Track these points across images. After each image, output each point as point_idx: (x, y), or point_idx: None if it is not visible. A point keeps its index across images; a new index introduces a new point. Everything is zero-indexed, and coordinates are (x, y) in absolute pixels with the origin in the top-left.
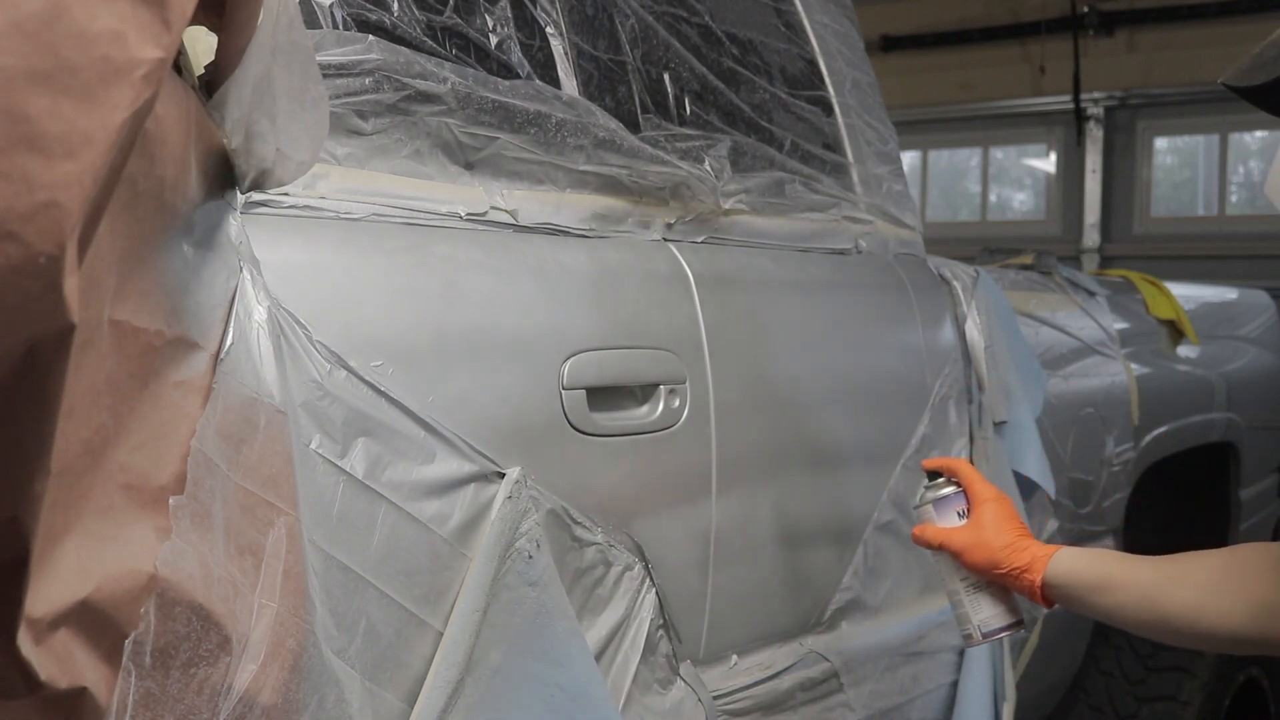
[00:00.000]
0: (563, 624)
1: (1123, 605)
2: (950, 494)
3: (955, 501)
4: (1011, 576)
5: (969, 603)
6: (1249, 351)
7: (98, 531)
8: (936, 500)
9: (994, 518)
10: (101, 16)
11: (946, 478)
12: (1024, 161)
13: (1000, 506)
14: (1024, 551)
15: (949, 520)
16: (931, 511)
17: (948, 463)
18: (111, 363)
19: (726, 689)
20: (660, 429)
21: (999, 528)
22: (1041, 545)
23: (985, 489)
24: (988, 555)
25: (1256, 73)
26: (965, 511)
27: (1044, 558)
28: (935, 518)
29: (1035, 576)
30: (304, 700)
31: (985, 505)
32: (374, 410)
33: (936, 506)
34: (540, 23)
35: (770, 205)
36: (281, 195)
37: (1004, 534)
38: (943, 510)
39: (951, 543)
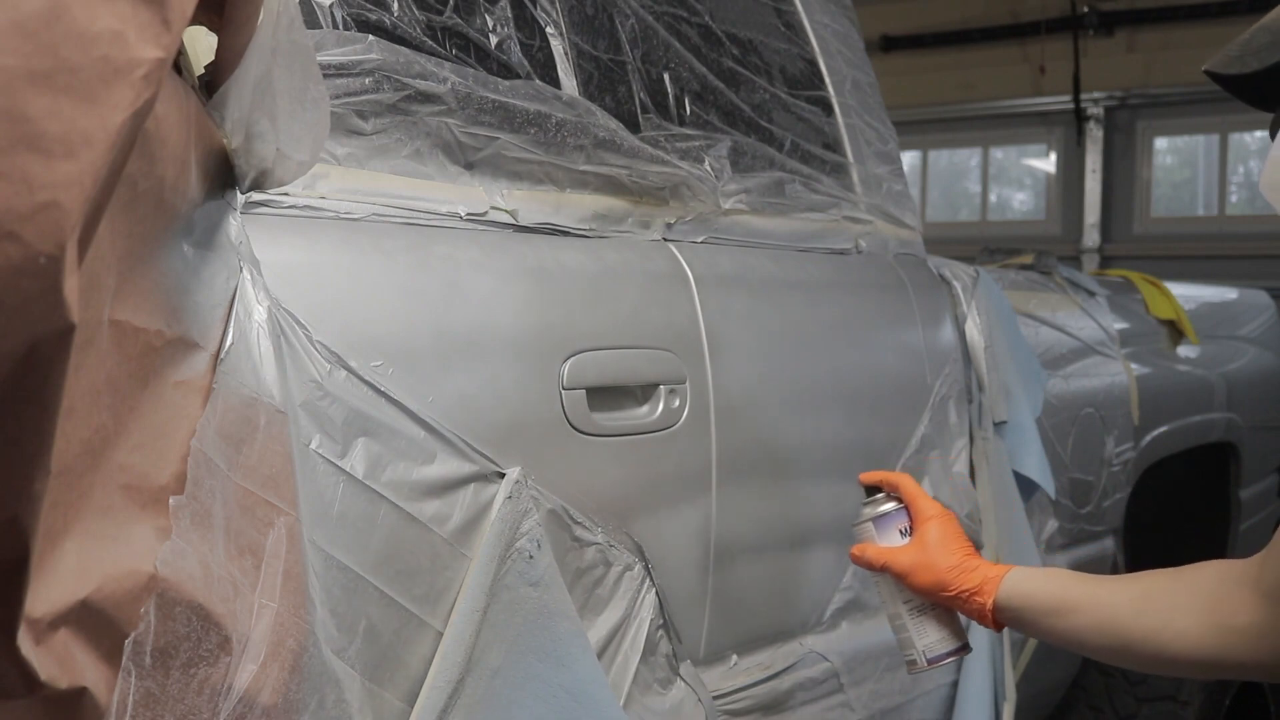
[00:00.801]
0: (565, 624)
1: (1081, 629)
2: (891, 511)
3: (897, 519)
4: (961, 599)
5: (913, 627)
6: (1249, 351)
7: (98, 531)
8: (877, 518)
9: (940, 536)
10: (101, 16)
11: (886, 493)
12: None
13: (945, 524)
14: (973, 572)
15: (890, 539)
16: (871, 529)
17: (888, 477)
18: (111, 363)
19: (726, 689)
20: (660, 429)
21: (945, 547)
22: (991, 565)
23: (929, 505)
24: (935, 577)
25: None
26: (908, 529)
27: (995, 579)
28: (875, 536)
29: (986, 599)
30: (304, 700)
31: (930, 523)
32: (374, 410)
33: (877, 524)
34: (540, 23)
35: (770, 205)
36: (281, 195)
37: (951, 554)
38: (884, 528)
39: (896, 564)
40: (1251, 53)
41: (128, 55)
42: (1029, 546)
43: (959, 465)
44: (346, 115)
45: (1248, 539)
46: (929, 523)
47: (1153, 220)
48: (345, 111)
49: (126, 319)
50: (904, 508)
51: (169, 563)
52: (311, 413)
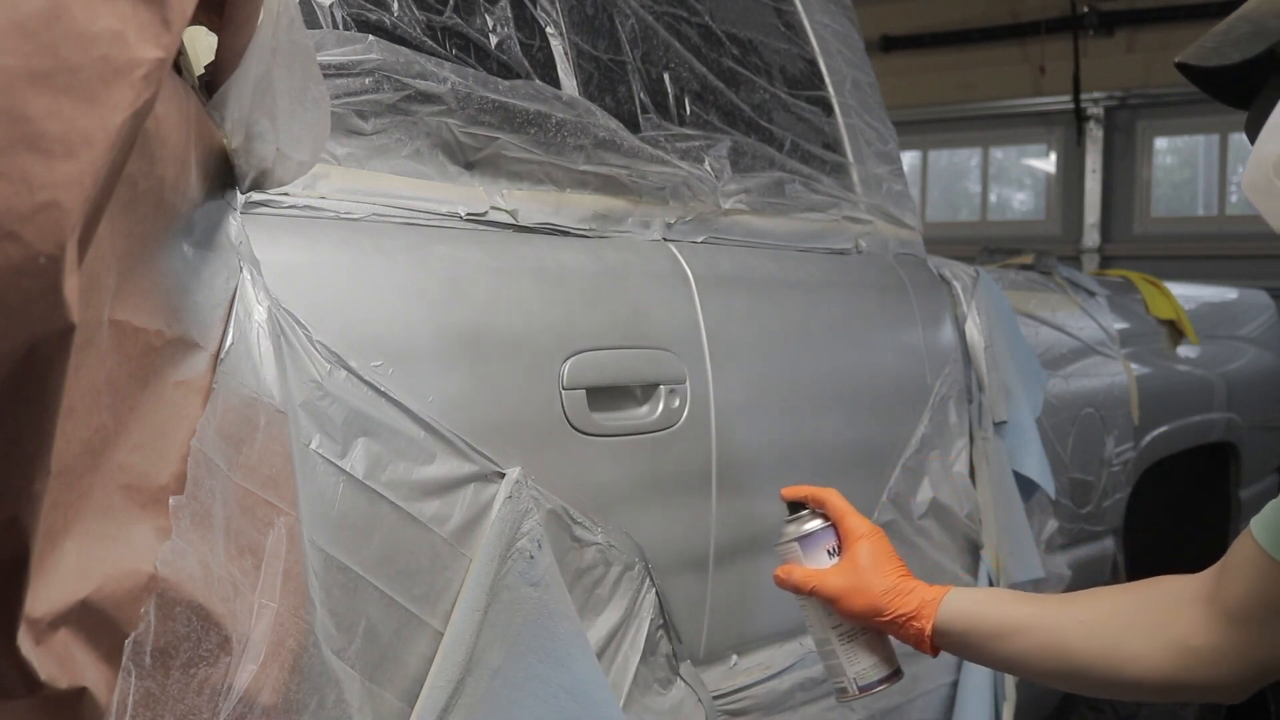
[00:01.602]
0: (565, 624)
1: (1027, 652)
2: (818, 529)
3: (824, 538)
4: (897, 624)
5: (843, 653)
6: (1249, 351)
7: (98, 531)
8: (802, 537)
9: (872, 557)
10: (101, 16)
11: (811, 510)
12: (1024, 161)
13: (877, 543)
14: (910, 595)
15: (818, 560)
16: (797, 549)
17: (814, 492)
18: (111, 363)
19: (726, 689)
20: (660, 429)
21: (879, 569)
22: (927, 587)
23: (858, 523)
24: (869, 601)
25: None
26: (836, 549)
27: (933, 602)
28: (801, 557)
29: (925, 624)
30: (304, 700)
31: (860, 542)
32: (374, 410)
33: (803, 544)
34: (540, 23)
35: (770, 205)
36: (281, 195)
37: (885, 576)
38: (810, 548)
39: (826, 587)
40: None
41: (128, 55)
42: (1029, 546)
43: (959, 465)
44: (346, 115)
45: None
46: (859, 542)
47: (1153, 220)
48: (345, 111)
49: (126, 319)
50: (831, 526)
51: (169, 563)
52: (311, 413)
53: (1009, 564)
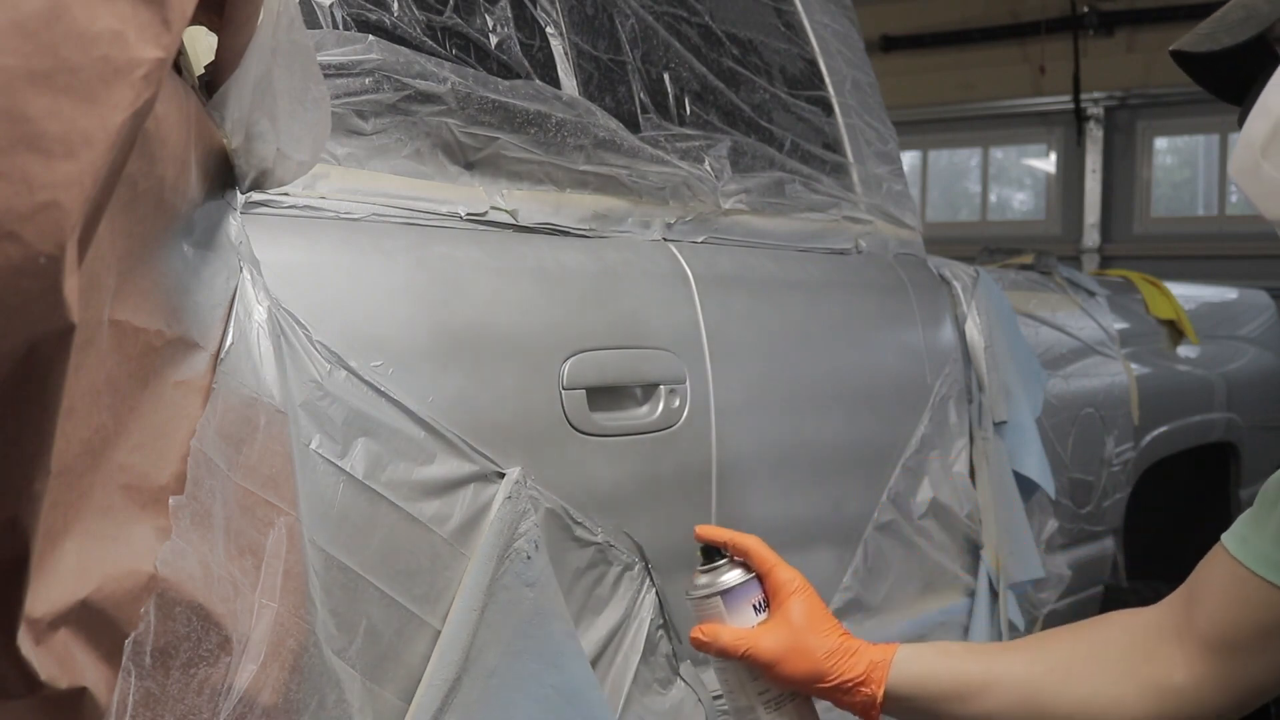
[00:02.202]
0: (559, 625)
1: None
2: (743, 581)
3: (749, 591)
4: (841, 690)
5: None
6: (1249, 351)
7: (98, 531)
8: (726, 591)
9: (806, 615)
10: (101, 16)
11: (730, 558)
12: (1024, 161)
13: (811, 599)
14: (855, 658)
15: (742, 616)
16: (719, 605)
17: (735, 538)
18: (111, 363)
19: None
20: (660, 429)
21: (817, 628)
22: (873, 646)
23: (789, 575)
24: (810, 665)
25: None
26: (762, 604)
27: (882, 664)
28: (724, 613)
29: (875, 689)
30: (304, 700)
31: (793, 598)
32: (374, 410)
33: (726, 598)
34: (540, 23)
35: (770, 205)
36: (281, 195)
37: (825, 636)
38: (734, 603)
39: (760, 651)
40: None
41: (128, 55)
42: (1029, 546)
43: (959, 465)
44: (346, 115)
45: None
46: (792, 598)
47: (1153, 220)
48: (345, 111)
49: (126, 319)
50: (755, 577)
51: (169, 563)
52: (311, 413)
53: (1009, 564)
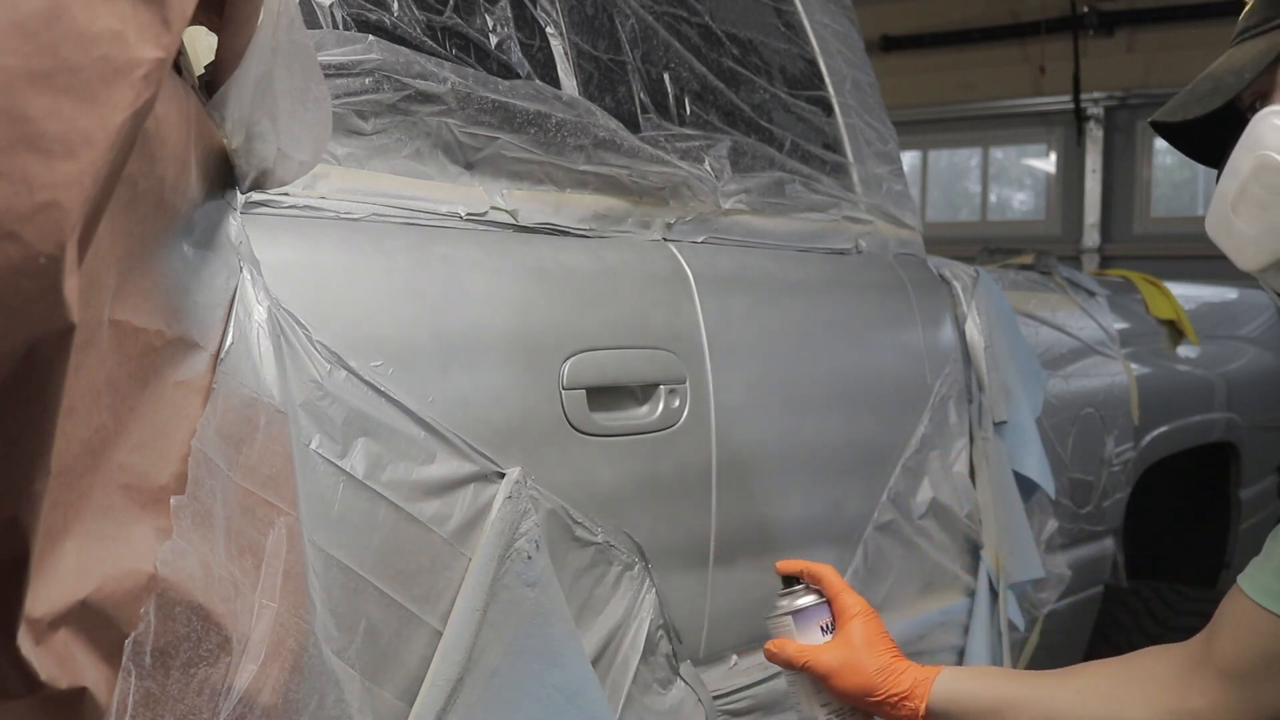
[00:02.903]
0: (560, 625)
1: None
2: (812, 605)
3: (818, 614)
4: (889, 705)
5: None
6: (1249, 351)
7: (98, 531)
8: (796, 612)
9: (865, 636)
10: (101, 16)
11: (806, 584)
12: (1024, 161)
13: (870, 622)
14: (902, 675)
15: (810, 635)
16: (790, 624)
17: (810, 567)
18: (111, 363)
19: (726, 689)
20: (660, 429)
21: (872, 648)
22: (920, 667)
23: (853, 601)
24: (862, 680)
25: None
26: (830, 626)
27: (926, 682)
28: (794, 631)
29: (918, 704)
30: (304, 700)
31: (854, 620)
32: (374, 410)
33: (797, 619)
34: (540, 23)
35: (770, 205)
36: (281, 195)
37: (878, 655)
38: (804, 624)
39: (819, 664)
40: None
41: (128, 55)
42: (1029, 546)
43: (959, 465)
44: (346, 115)
45: (1247, 539)
46: (854, 620)
47: (1153, 220)
48: (345, 111)
49: (126, 319)
50: (825, 602)
51: (169, 563)
52: (311, 413)
53: (1009, 564)
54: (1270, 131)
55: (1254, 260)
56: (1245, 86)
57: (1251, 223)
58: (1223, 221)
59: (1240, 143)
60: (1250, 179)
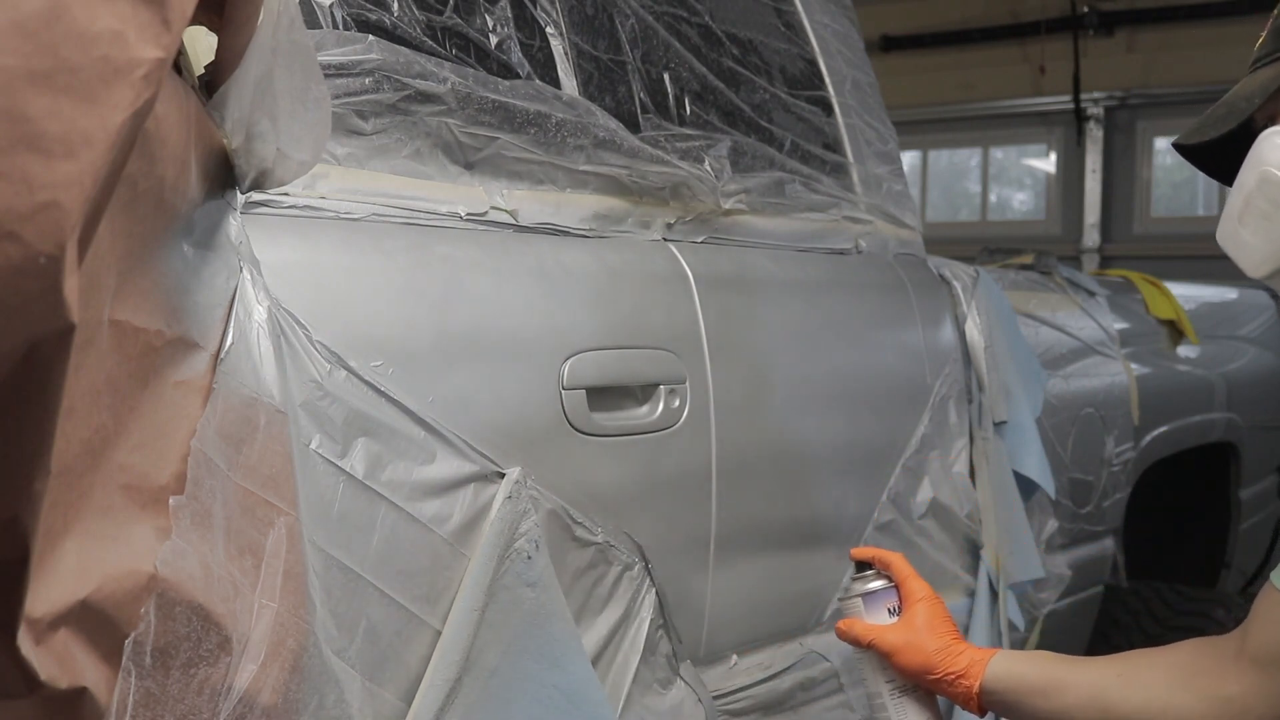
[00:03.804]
0: (560, 625)
1: (1069, 709)
2: (881, 589)
3: (886, 597)
4: (946, 682)
5: (893, 707)
6: (1249, 351)
7: (98, 531)
8: (866, 594)
9: (928, 618)
10: (101, 16)
11: (877, 570)
12: (1024, 161)
13: (934, 607)
14: (960, 655)
15: (878, 617)
16: (860, 605)
17: (881, 555)
18: (111, 363)
19: (726, 689)
20: (660, 429)
21: (934, 630)
22: (977, 649)
23: (919, 586)
24: (922, 658)
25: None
26: (896, 609)
27: (981, 662)
28: (863, 613)
29: (973, 682)
30: (304, 700)
31: (919, 604)
32: (374, 410)
33: (866, 601)
34: (540, 23)
35: (770, 205)
36: (281, 195)
37: (939, 636)
38: (872, 606)
39: (883, 642)
40: (1210, 124)
41: (128, 55)
42: (1029, 546)
43: (959, 465)
44: (346, 115)
45: (1247, 539)
46: (918, 604)
47: (1153, 220)
48: (345, 111)
49: (126, 319)
50: (894, 587)
51: (169, 563)
52: (311, 413)
53: (1009, 564)
54: (1271, 150)
55: (1260, 268)
56: (1255, 110)
57: (1257, 233)
58: (1231, 233)
59: (1246, 160)
60: (1254, 193)
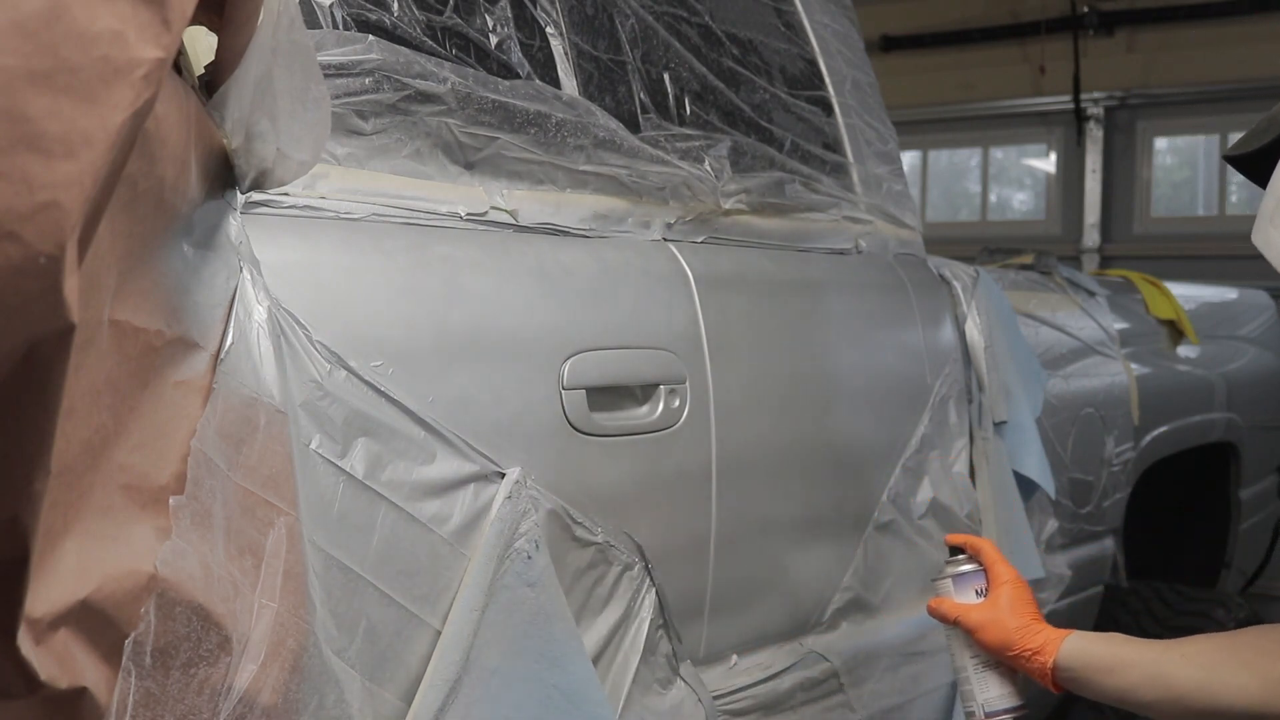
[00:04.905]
0: (560, 625)
1: (1135, 686)
2: (970, 571)
3: (974, 579)
4: (1023, 658)
5: (976, 680)
6: (1249, 351)
7: (98, 531)
8: (956, 575)
9: (1011, 599)
10: (101, 16)
11: (968, 554)
12: (1024, 161)
13: (1018, 589)
14: (1037, 634)
15: (966, 596)
16: (950, 586)
17: (973, 541)
18: (111, 363)
19: (726, 689)
20: (660, 429)
21: (1015, 609)
22: (1055, 630)
23: (1005, 570)
24: (1002, 635)
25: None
26: (983, 590)
27: (1056, 640)
28: (953, 592)
29: (1047, 659)
30: (304, 700)
31: (1004, 586)
32: (374, 410)
33: (955, 582)
34: (540, 23)
35: (770, 205)
36: (281, 195)
37: (1020, 616)
38: (961, 586)
39: (967, 619)
40: (1254, 135)
41: (128, 55)
42: (1029, 546)
43: (959, 465)
44: (346, 115)
45: (1247, 539)
46: (1003, 586)
47: (1153, 220)
48: (345, 111)
49: (126, 319)
50: (982, 570)
51: (169, 563)
52: (311, 413)
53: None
54: None
55: None
56: None
57: None
58: (1264, 233)
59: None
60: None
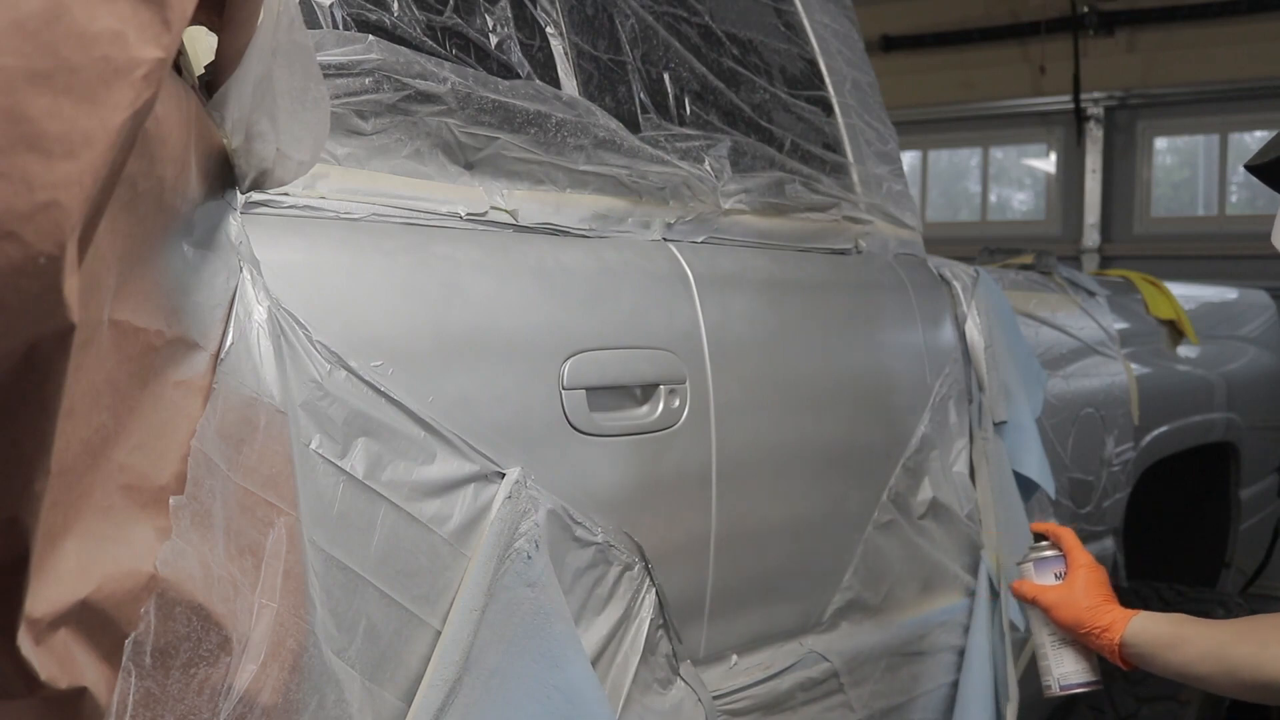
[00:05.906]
0: (560, 625)
1: (1193, 661)
2: (1050, 556)
3: (1054, 564)
4: (1093, 635)
5: (1052, 656)
6: (1249, 351)
7: (98, 531)
8: (1037, 560)
9: (1085, 582)
10: (101, 16)
11: (1050, 542)
12: (1024, 161)
13: (1093, 574)
14: (1107, 614)
15: (1045, 579)
16: (1031, 569)
17: (1054, 529)
18: (111, 363)
19: (726, 689)
20: (660, 429)
21: (1088, 591)
22: (1123, 610)
23: (1082, 556)
24: (1074, 614)
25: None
26: (1061, 574)
27: (1123, 619)
28: (1034, 575)
29: (1114, 636)
30: (304, 700)
31: (1080, 570)
32: (374, 410)
33: (1036, 565)
34: (540, 23)
35: (770, 205)
36: (281, 195)
37: (1092, 597)
38: (1041, 569)
39: (1044, 598)
40: (1274, 145)
41: (128, 55)
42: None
43: (959, 465)
44: (346, 115)
45: (1247, 539)
46: (1079, 570)
47: (1153, 220)
48: (345, 111)
49: (126, 319)
50: (1061, 556)
51: (169, 563)
52: (311, 413)
53: (1009, 564)
54: None
55: None
56: None
57: None
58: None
59: None
60: None
